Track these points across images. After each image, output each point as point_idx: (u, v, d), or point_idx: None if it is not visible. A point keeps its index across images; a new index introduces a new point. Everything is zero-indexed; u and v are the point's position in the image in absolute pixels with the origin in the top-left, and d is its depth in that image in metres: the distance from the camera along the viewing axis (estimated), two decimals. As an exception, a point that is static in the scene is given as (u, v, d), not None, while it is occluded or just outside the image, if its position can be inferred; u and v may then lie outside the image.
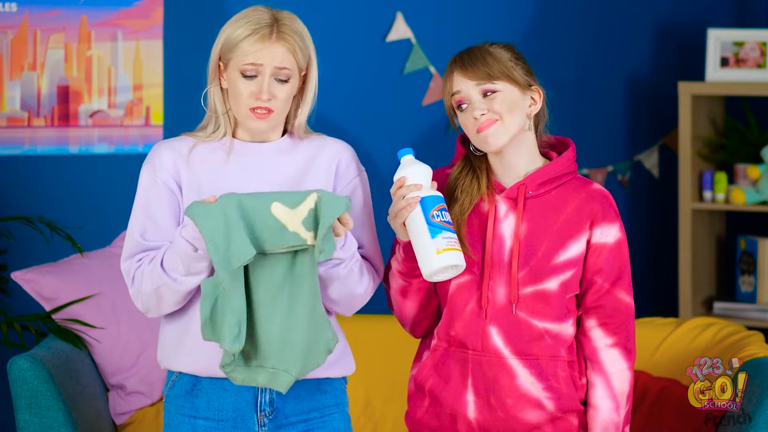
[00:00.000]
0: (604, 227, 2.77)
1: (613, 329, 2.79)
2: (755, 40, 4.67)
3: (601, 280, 2.78)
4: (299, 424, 2.81)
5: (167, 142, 2.82)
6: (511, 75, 2.75)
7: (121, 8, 4.29)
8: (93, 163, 4.30)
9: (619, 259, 2.79)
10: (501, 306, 2.75)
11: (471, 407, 2.78)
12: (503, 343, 2.75)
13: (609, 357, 2.78)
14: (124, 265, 2.77)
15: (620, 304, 2.79)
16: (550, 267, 2.75)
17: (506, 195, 2.78)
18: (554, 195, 2.79)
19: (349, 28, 4.56)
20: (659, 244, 4.96)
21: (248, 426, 2.78)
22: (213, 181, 2.76)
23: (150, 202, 2.76)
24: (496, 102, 2.74)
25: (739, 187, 4.64)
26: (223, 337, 2.62)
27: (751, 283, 4.73)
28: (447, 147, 4.59)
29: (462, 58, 2.78)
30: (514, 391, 2.75)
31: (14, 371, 3.48)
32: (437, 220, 2.67)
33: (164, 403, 2.84)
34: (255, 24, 2.72)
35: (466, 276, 2.77)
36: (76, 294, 3.83)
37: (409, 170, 2.71)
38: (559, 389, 2.76)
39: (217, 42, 2.77)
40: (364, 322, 4.13)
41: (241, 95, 2.73)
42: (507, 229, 2.77)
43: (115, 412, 3.85)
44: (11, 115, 4.20)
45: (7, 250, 4.18)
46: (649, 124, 4.94)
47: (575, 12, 4.81)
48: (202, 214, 2.60)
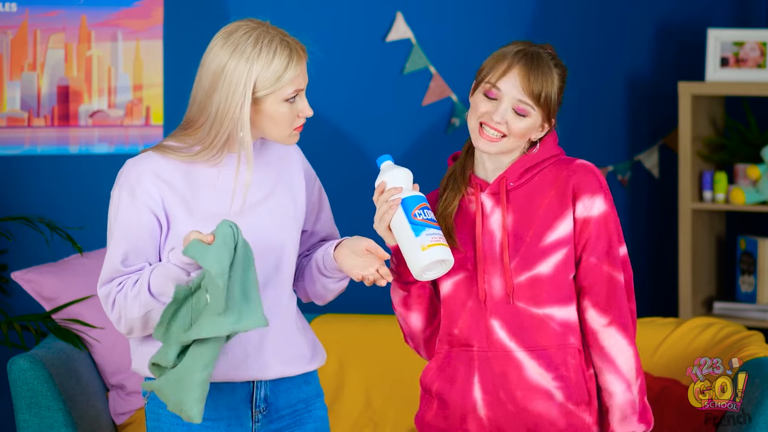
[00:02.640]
0: (586, 200, 2.75)
1: (604, 307, 2.76)
2: (755, 40, 4.67)
3: (587, 255, 2.75)
4: (287, 417, 2.84)
5: (142, 162, 2.73)
6: (548, 106, 2.75)
7: (121, 8, 4.29)
8: (93, 163, 4.30)
9: (605, 232, 2.76)
10: (499, 298, 2.76)
11: (480, 404, 2.78)
12: (507, 337, 2.75)
13: (608, 338, 2.76)
14: (102, 289, 2.73)
15: (609, 279, 2.76)
16: (539, 250, 2.74)
17: (489, 191, 2.79)
18: (536, 180, 2.78)
19: (349, 28, 4.56)
20: (659, 244, 4.96)
21: (243, 423, 2.79)
22: (209, 200, 2.75)
23: (131, 229, 2.71)
24: (518, 124, 2.74)
25: (739, 187, 4.64)
26: (170, 345, 2.62)
27: (751, 283, 4.73)
28: (447, 147, 4.59)
29: (530, 65, 2.74)
30: (523, 383, 2.75)
31: (14, 371, 3.48)
32: (419, 218, 2.68)
33: (149, 405, 2.81)
34: (284, 49, 2.70)
35: (460, 273, 2.78)
36: (76, 294, 3.84)
37: (388, 175, 2.74)
38: (568, 378, 2.76)
39: (244, 80, 2.67)
40: (365, 322, 4.13)
41: (285, 119, 2.72)
42: (495, 223, 2.78)
43: (115, 412, 3.85)
44: (11, 115, 4.20)
45: (7, 250, 4.18)
46: (649, 124, 4.94)
47: (575, 12, 4.81)
48: (202, 253, 2.56)
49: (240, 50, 2.67)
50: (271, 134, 2.75)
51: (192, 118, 2.75)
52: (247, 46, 2.67)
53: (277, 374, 2.80)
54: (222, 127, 2.69)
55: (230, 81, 2.67)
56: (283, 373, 2.81)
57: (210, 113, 2.70)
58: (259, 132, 2.75)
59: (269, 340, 2.77)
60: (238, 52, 2.67)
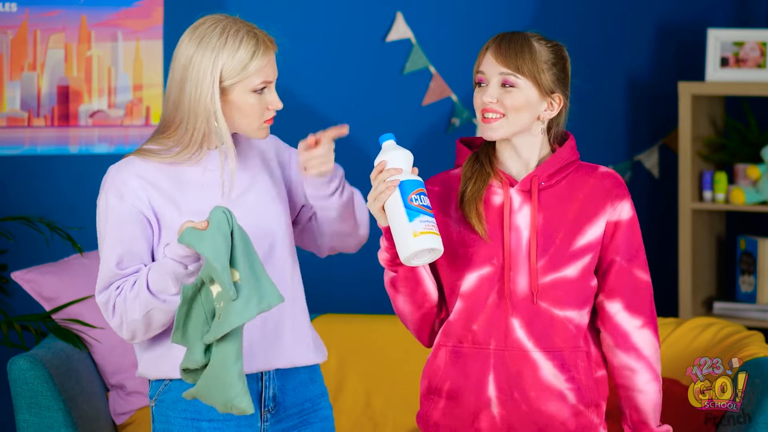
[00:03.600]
0: (617, 204, 2.79)
1: (638, 309, 2.80)
2: (755, 40, 4.68)
3: (619, 258, 2.79)
4: (295, 416, 2.85)
5: (126, 167, 2.75)
6: (537, 77, 2.74)
7: (121, 8, 4.29)
8: (93, 163, 4.30)
9: (634, 235, 2.81)
10: (522, 296, 2.76)
11: (495, 403, 2.77)
12: (525, 336, 2.76)
13: (642, 339, 2.80)
14: (101, 296, 2.73)
15: (640, 282, 2.81)
16: (569, 254, 2.76)
17: (520, 188, 2.79)
18: (564, 184, 2.80)
19: (349, 28, 4.56)
20: (659, 244, 4.96)
21: (252, 423, 2.79)
22: (195, 197, 2.76)
23: (123, 230, 2.72)
24: (509, 98, 2.74)
25: (739, 187, 4.64)
26: (194, 345, 2.63)
27: (751, 283, 4.73)
28: (447, 147, 4.59)
29: (501, 41, 2.77)
30: (537, 384, 2.76)
31: (14, 371, 3.48)
32: (415, 203, 2.66)
33: (157, 408, 2.81)
34: (251, 39, 2.71)
35: (487, 267, 2.77)
36: (76, 294, 3.84)
37: (389, 155, 2.71)
38: (579, 380, 2.77)
39: (210, 69, 2.70)
40: (365, 322, 4.13)
41: (254, 110, 2.73)
42: (523, 220, 2.77)
43: (115, 412, 3.85)
44: (11, 115, 4.20)
45: (7, 250, 4.18)
46: (649, 124, 4.94)
47: (575, 12, 4.82)
48: (198, 239, 2.57)
49: (206, 41, 2.71)
50: (240, 127, 2.76)
51: (168, 117, 2.77)
52: (213, 37, 2.70)
53: (283, 363, 2.81)
54: (197, 121, 2.71)
55: (198, 71, 2.70)
56: (291, 362, 2.82)
57: (184, 108, 2.72)
58: (229, 125, 2.76)
59: (271, 324, 2.77)
60: (204, 42, 2.71)
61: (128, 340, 2.75)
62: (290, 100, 4.33)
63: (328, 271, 4.46)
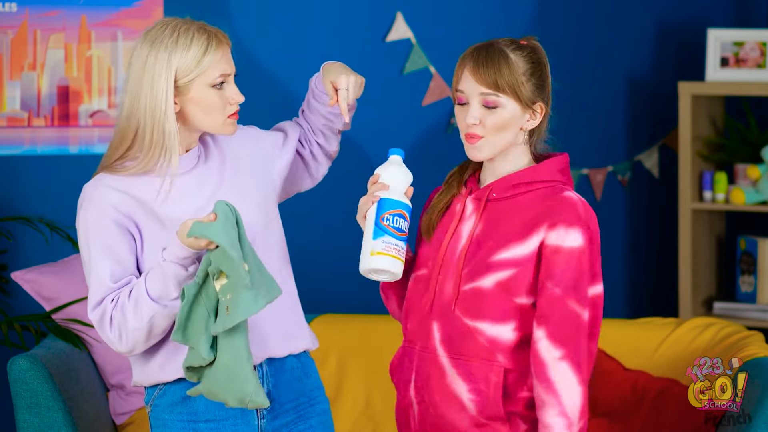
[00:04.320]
0: (561, 230, 2.66)
1: (562, 340, 2.64)
2: (755, 40, 4.68)
3: (551, 285, 2.66)
4: (291, 411, 2.86)
5: (100, 183, 2.75)
6: (518, 91, 2.70)
7: (121, 8, 4.29)
8: (93, 163, 4.25)
9: (576, 266, 2.66)
10: (445, 302, 2.74)
11: (414, 402, 2.79)
12: (439, 341, 2.74)
13: (558, 372, 2.64)
14: (95, 312, 2.71)
15: (570, 314, 2.65)
16: (486, 264, 2.70)
17: (475, 196, 2.78)
18: (521, 200, 2.74)
19: (349, 28, 4.56)
20: (659, 244, 4.96)
21: (248, 420, 2.80)
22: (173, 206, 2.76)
23: (109, 244, 2.71)
24: (491, 118, 2.71)
25: (739, 187, 4.64)
26: (198, 342, 2.63)
27: (751, 283, 4.73)
28: (447, 147, 4.60)
29: (478, 56, 2.73)
30: (441, 390, 2.73)
31: (14, 371, 3.48)
32: (385, 223, 2.69)
33: (153, 413, 2.81)
34: (202, 34, 2.72)
35: (423, 270, 2.80)
36: (76, 294, 3.84)
37: (387, 169, 2.75)
38: (486, 393, 2.69)
39: (165, 67, 2.70)
40: (365, 322, 4.13)
41: (216, 105, 2.74)
42: (466, 228, 2.76)
43: (115, 412, 3.85)
44: (11, 115, 4.20)
45: (7, 250, 4.18)
46: (649, 124, 4.94)
47: (575, 12, 4.82)
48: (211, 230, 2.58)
49: (158, 42, 2.71)
50: (206, 125, 2.76)
51: (122, 131, 2.75)
52: (165, 37, 2.71)
53: (278, 351, 2.82)
54: (154, 122, 2.70)
55: (153, 71, 2.70)
56: (286, 349, 2.83)
57: (140, 113, 2.71)
58: (194, 125, 2.76)
59: (262, 314, 2.73)
60: (157, 43, 2.71)
61: (127, 353, 2.73)
62: (290, 100, 4.33)
63: (328, 271, 4.46)
